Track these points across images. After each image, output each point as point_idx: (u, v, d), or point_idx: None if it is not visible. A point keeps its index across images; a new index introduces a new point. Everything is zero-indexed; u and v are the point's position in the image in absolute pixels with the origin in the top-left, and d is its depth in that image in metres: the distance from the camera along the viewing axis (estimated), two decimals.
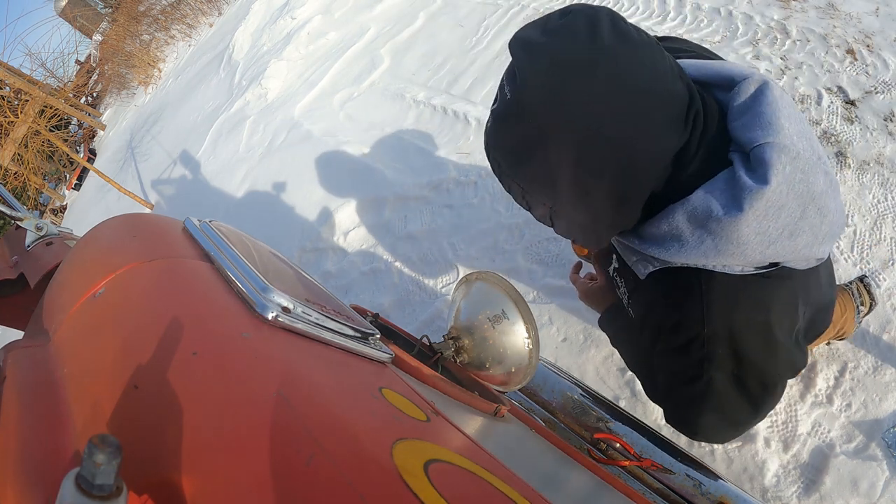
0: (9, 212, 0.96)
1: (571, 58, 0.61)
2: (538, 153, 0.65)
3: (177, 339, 0.46)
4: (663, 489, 1.05)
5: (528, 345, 0.94)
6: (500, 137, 0.69)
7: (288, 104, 4.42)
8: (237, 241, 0.71)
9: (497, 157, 0.71)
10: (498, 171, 0.73)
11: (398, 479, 0.39)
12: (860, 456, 1.36)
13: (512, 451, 0.77)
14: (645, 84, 0.61)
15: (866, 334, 1.52)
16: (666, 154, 0.65)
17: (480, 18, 3.83)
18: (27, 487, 0.36)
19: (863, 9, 2.30)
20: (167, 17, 11.10)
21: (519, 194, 0.73)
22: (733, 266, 0.68)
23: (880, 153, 1.83)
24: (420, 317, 2.29)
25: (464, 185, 2.69)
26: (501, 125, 0.68)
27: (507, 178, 0.72)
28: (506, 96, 0.66)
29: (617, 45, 0.61)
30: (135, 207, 5.29)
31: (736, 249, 0.65)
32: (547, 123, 0.63)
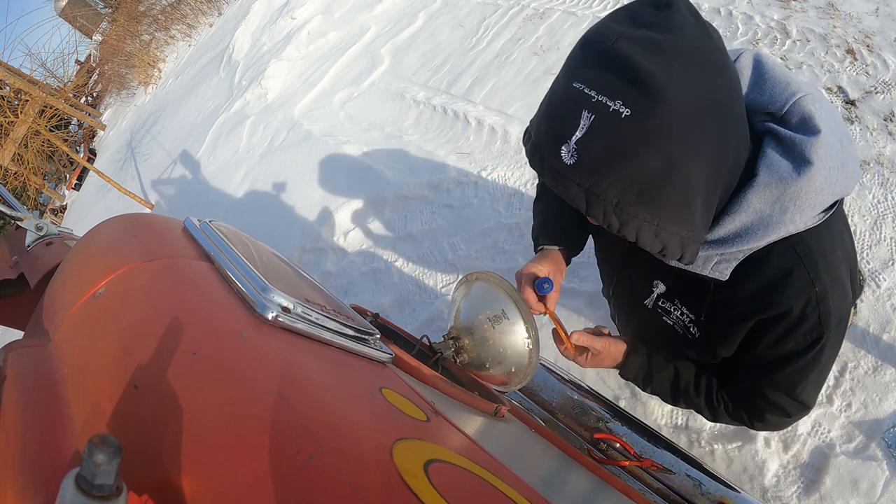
0: (9, 212, 0.96)
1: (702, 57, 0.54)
2: (678, 177, 0.56)
3: (177, 339, 0.46)
4: (663, 489, 1.05)
5: (528, 345, 0.94)
6: (624, 172, 0.56)
7: (288, 104, 4.42)
8: (237, 241, 0.71)
9: (618, 198, 0.58)
10: (620, 218, 0.60)
11: (398, 479, 0.39)
12: (860, 456, 1.36)
13: (512, 451, 0.77)
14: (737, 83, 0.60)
15: (866, 334, 1.52)
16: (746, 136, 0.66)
17: (480, 18, 3.83)
18: (27, 487, 0.36)
19: (863, 9, 2.30)
20: (167, 17, 11.10)
21: (651, 234, 0.61)
22: (811, 220, 0.69)
23: (880, 153, 1.83)
24: (420, 317, 2.29)
25: (464, 185, 2.69)
26: (622, 157, 0.55)
27: (635, 221, 0.60)
28: (616, 115, 0.54)
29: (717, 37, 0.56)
30: (135, 207, 5.29)
31: (815, 200, 0.66)
32: (691, 139, 0.55)
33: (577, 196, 0.60)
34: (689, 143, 0.55)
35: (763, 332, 0.77)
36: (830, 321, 0.73)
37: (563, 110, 0.59)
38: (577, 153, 0.57)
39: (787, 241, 0.70)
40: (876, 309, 1.54)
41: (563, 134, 0.58)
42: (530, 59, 3.17)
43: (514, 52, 3.31)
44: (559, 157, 0.59)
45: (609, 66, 0.55)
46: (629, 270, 0.95)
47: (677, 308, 0.86)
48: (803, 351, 0.76)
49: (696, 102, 0.54)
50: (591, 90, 0.55)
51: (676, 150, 0.55)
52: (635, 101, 0.53)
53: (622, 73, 0.54)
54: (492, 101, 3.08)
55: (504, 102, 3.01)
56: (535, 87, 2.94)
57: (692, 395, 0.94)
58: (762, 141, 0.69)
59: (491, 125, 2.90)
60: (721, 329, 0.81)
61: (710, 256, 0.73)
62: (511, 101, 2.98)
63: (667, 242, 0.62)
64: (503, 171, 2.62)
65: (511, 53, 3.32)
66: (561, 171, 0.59)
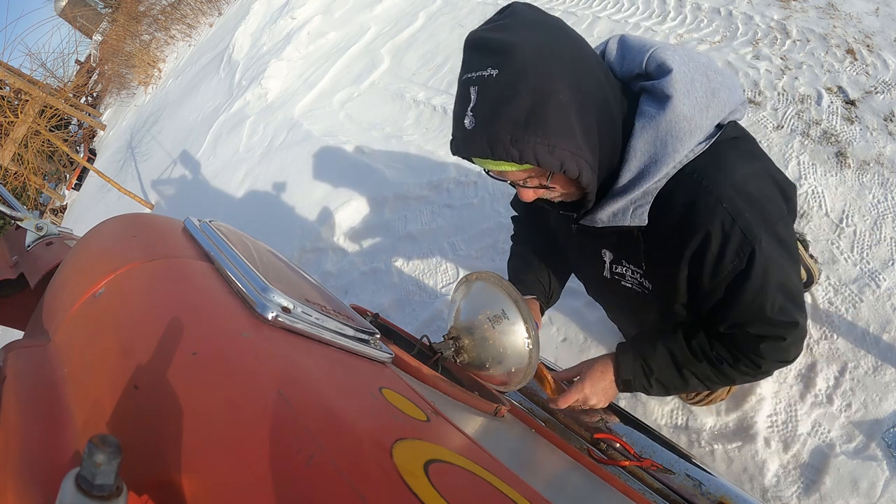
0: (9, 212, 0.96)
1: (540, 23, 0.72)
2: (549, 104, 0.70)
3: (177, 339, 0.46)
4: (663, 489, 1.05)
5: (528, 345, 0.94)
6: (508, 112, 0.70)
7: (288, 104, 4.42)
8: (237, 241, 0.71)
9: (511, 133, 0.71)
10: (518, 147, 0.72)
11: (398, 479, 0.39)
12: (860, 456, 1.36)
13: (512, 451, 0.77)
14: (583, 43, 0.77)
15: (866, 334, 1.52)
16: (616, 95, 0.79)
17: (480, 18, 3.82)
18: (27, 487, 0.36)
19: (863, 9, 2.30)
20: (167, 17, 11.10)
21: (546, 152, 0.72)
22: (698, 147, 0.78)
23: (880, 153, 1.83)
24: (420, 317, 2.29)
25: (464, 185, 2.69)
26: (503, 102, 0.70)
27: (531, 146, 0.71)
28: (490, 77, 0.69)
29: (556, 19, 0.76)
30: (135, 207, 5.29)
31: (690, 126, 0.76)
32: (547, 76, 0.69)
33: (483, 147, 0.73)
34: (547, 78, 0.70)
35: (700, 266, 0.83)
36: (756, 232, 0.77)
37: (459, 98, 0.74)
38: (474, 116, 0.72)
39: (683, 171, 0.79)
40: (876, 309, 1.54)
41: (463, 111, 0.73)
42: None
43: None
44: (464, 129, 0.74)
45: (476, 49, 0.72)
46: (583, 255, 1.04)
47: (626, 268, 0.95)
48: (744, 272, 0.80)
49: (540, 50, 0.70)
50: (471, 72, 0.72)
51: (539, 85, 0.69)
52: (497, 62, 0.69)
53: (483, 49, 0.71)
54: None
55: None
56: None
57: (695, 363, 0.95)
58: (639, 99, 0.81)
59: None
60: (663, 274, 0.88)
61: (625, 207, 0.83)
62: None
63: (562, 158, 0.73)
64: None
65: None
66: (467, 137, 0.74)
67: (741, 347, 0.91)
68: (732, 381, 0.97)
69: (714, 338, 0.94)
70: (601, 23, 3.09)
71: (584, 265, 1.08)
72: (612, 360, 1.03)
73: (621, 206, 0.83)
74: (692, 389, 1.01)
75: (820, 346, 1.54)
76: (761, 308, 0.83)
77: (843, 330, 1.54)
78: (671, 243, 0.83)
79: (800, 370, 1.53)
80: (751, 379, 0.97)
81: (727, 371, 0.94)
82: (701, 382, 0.98)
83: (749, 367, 0.92)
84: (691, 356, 0.95)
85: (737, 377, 0.95)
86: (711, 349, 0.94)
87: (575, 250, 1.07)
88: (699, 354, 0.94)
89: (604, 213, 0.85)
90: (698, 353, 0.94)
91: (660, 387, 1.00)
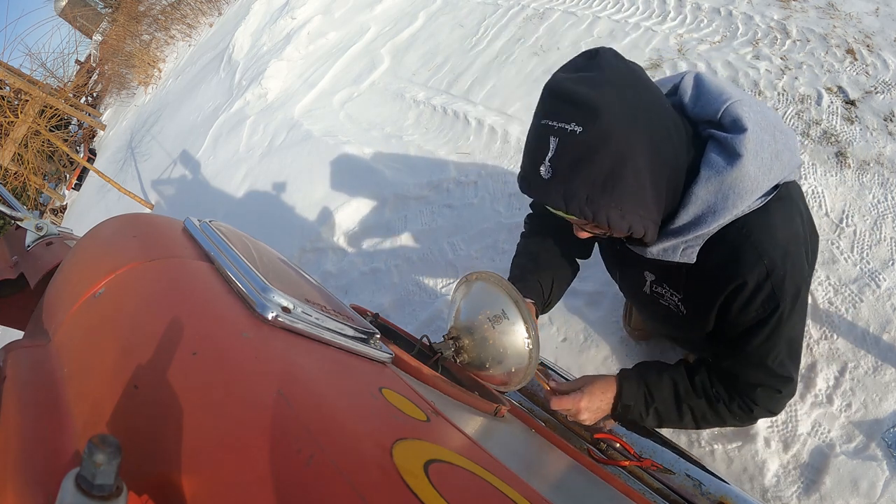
0: (9, 212, 0.96)
1: (624, 81, 0.74)
2: (628, 168, 0.74)
3: (177, 339, 0.46)
4: (663, 489, 1.05)
5: (528, 345, 0.94)
6: (588, 173, 0.73)
7: (288, 104, 4.42)
8: (237, 241, 0.71)
9: (588, 193, 0.75)
10: (592, 208, 0.76)
11: (398, 479, 0.39)
12: (860, 456, 1.36)
13: (512, 451, 0.77)
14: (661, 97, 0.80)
15: (866, 334, 1.52)
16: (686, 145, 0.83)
17: (480, 18, 3.83)
18: (27, 487, 0.36)
19: (863, 9, 2.30)
20: (167, 17, 11.10)
21: (618, 217, 0.77)
22: (754, 203, 0.83)
23: (880, 153, 1.84)
24: (420, 317, 2.29)
25: (464, 185, 2.69)
26: (584, 163, 0.73)
27: (604, 209, 0.76)
28: (572, 133, 0.72)
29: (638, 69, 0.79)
30: (135, 207, 5.29)
31: (751, 186, 0.80)
32: (629, 139, 0.73)
33: (557, 200, 0.77)
34: (629, 142, 0.73)
35: (729, 306, 0.89)
36: (784, 291, 0.85)
37: (536, 142, 0.77)
38: (552, 168, 0.75)
39: (735, 223, 0.84)
40: (876, 309, 1.54)
41: (539, 158, 0.76)
42: (530, 59, 3.17)
43: (514, 53, 3.31)
44: (539, 176, 0.77)
45: (561, 99, 0.74)
46: (626, 268, 1.10)
47: (666, 290, 1.00)
48: (764, 321, 0.87)
49: (626, 112, 0.72)
50: (552, 122, 0.74)
51: (620, 148, 0.73)
52: (582, 120, 0.72)
53: (569, 103, 0.73)
54: (492, 101, 3.08)
55: (504, 102, 3.01)
56: (535, 87, 2.94)
57: (693, 398, 1.01)
58: (706, 145, 0.84)
59: (491, 125, 2.90)
60: (699, 303, 0.94)
61: (676, 245, 0.88)
62: (511, 101, 2.98)
63: (631, 222, 0.79)
64: (503, 171, 2.63)
65: (511, 53, 3.32)
66: (542, 185, 0.77)
67: (739, 388, 0.97)
68: (724, 422, 1.02)
69: (717, 374, 1.00)
70: (601, 23, 3.09)
71: (625, 276, 1.13)
72: (615, 382, 1.05)
73: (672, 245, 0.88)
74: (684, 426, 1.05)
75: (820, 346, 1.54)
76: (765, 355, 0.91)
77: (843, 330, 1.54)
78: (710, 283, 0.89)
79: (800, 370, 1.53)
80: (739, 423, 1.03)
81: (721, 411, 1.00)
82: (694, 419, 1.03)
83: (742, 409, 0.98)
84: (692, 390, 1.01)
85: (728, 419, 1.01)
86: (712, 386, 1.00)
87: (617, 263, 1.13)
88: (699, 390, 1.00)
89: (655, 247, 0.90)
90: (699, 389, 1.00)
91: (655, 417, 1.05)
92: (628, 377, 1.05)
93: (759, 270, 0.83)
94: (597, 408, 1.04)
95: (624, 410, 1.05)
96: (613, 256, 1.12)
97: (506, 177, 2.60)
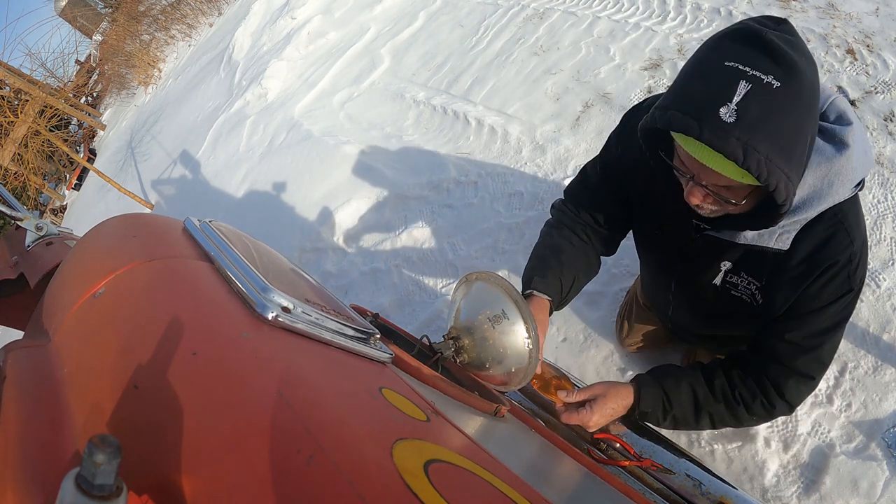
0: (9, 212, 0.96)
1: (810, 57, 0.73)
2: (804, 137, 0.73)
3: (177, 339, 0.46)
4: (663, 489, 1.05)
5: (528, 345, 0.94)
6: (777, 131, 0.70)
7: (288, 104, 4.42)
8: (237, 241, 0.71)
9: (769, 151, 0.70)
10: (769, 167, 0.71)
11: (398, 479, 0.39)
12: (860, 456, 1.36)
13: (512, 451, 0.77)
14: None
15: (866, 334, 1.52)
16: None
17: (480, 18, 3.83)
18: (27, 487, 0.36)
19: (863, 9, 2.30)
20: (167, 17, 11.09)
21: (784, 182, 0.73)
22: (847, 192, 0.85)
23: (880, 153, 1.83)
24: (420, 317, 2.29)
25: (464, 185, 2.69)
26: (776, 119, 0.70)
27: (777, 171, 0.72)
28: (769, 85, 0.68)
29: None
30: (135, 207, 5.29)
31: (852, 175, 0.83)
32: (811, 111, 0.73)
33: (735, 148, 0.70)
34: (810, 113, 0.73)
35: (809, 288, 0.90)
36: (857, 277, 0.89)
37: (719, 80, 0.71)
38: (737, 113, 0.69)
39: (830, 210, 0.86)
40: (876, 309, 1.54)
41: (722, 98, 0.70)
42: (530, 59, 3.17)
43: (514, 52, 3.31)
44: (718, 116, 0.70)
45: (759, 49, 0.70)
46: (697, 259, 1.05)
47: (744, 279, 0.99)
48: (833, 302, 0.90)
49: (812, 84, 0.72)
50: (745, 66, 0.69)
51: (805, 116, 0.72)
52: (781, 75, 0.69)
53: (769, 55, 0.69)
54: (492, 101, 3.08)
55: (504, 102, 3.01)
56: (535, 87, 2.94)
57: (712, 403, 1.01)
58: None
59: (491, 125, 2.90)
60: (783, 288, 0.93)
61: (773, 230, 0.87)
62: (511, 101, 2.98)
63: (789, 192, 0.75)
64: (503, 171, 2.62)
65: (511, 53, 3.32)
66: (721, 126, 0.70)
67: (770, 379, 0.97)
68: (740, 423, 1.03)
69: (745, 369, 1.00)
70: (601, 23, 3.09)
71: (692, 269, 1.07)
72: (632, 389, 1.04)
73: (770, 229, 0.88)
74: (700, 429, 1.07)
75: None
76: (820, 342, 0.94)
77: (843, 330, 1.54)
78: (801, 268, 0.90)
79: None
80: (755, 422, 1.04)
81: (740, 414, 1.00)
82: (711, 423, 1.04)
83: (764, 406, 0.99)
84: (711, 396, 1.01)
85: (745, 421, 1.02)
86: (734, 389, 1.00)
87: (684, 255, 1.07)
88: (719, 395, 1.01)
89: (750, 231, 0.89)
90: (718, 394, 1.01)
91: (672, 422, 1.05)
92: (646, 384, 1.04)
93: (849, 253, 0.87)
94: (611, 413, 1.03)
95: (641, 416, 1.05)
96: (680, 246, 1.05)
97: (506, 177, 2.60)
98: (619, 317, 1.77)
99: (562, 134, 2.62)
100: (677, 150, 0.83)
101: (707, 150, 0.74)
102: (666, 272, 1.18)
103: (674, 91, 0.78)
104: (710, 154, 0.74)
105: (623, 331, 1.71)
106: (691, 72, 0.76)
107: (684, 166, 0.83)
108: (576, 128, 2.61)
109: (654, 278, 1.27)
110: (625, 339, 1.72)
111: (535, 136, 2.68)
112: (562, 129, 2.64)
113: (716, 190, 0.81)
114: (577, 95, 2.74)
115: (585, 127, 2.59)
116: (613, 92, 2.65)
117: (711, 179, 0.80)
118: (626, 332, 1.70)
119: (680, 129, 0.74)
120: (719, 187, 0.81)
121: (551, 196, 2.38)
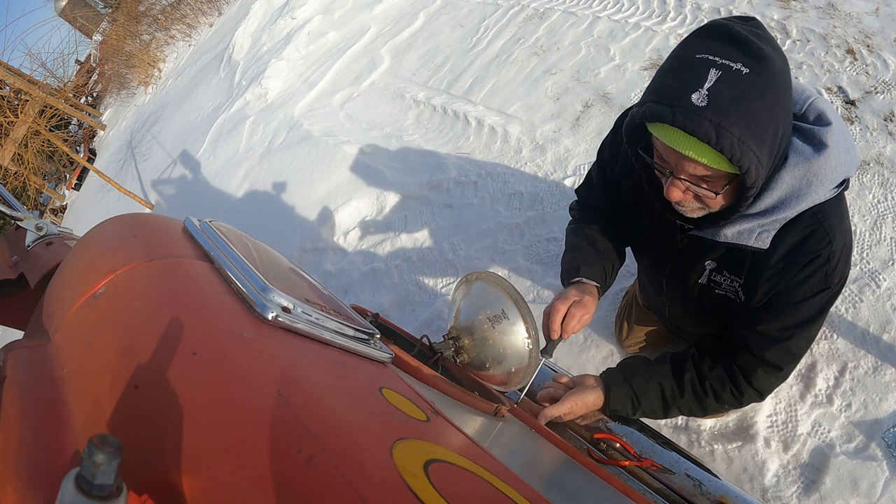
0: (9, 212, 0.96)
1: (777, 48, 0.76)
2: (773, 123, 0.75)
3: (177, 339, 0.46)
4: (663, 489, 1.05)
5: (528, 345, 0.94)
6: (749, 113, 0.72)
7: (288, 104, 4.42)
8: (237, 241, 0.71)
9: (741, 133, 0.73)
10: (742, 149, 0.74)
11: (398, 479, 0.39)
12: (860, 456, 1.36)
13: (512, 451, 0.77)
14: None
15: (866, 334, 1.52)
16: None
17: (480, 18, 3.83)
18: (27, 487, 0.36)
19: (863, 9, 2.30)
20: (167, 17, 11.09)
21: (756, 164, 0.76)
22: (828, 193, 0.86)
23: (880, 153, 1.83)
24: (420, 317, 2.29)
25: (464, 185, 2.69)
26: (746, 102, 0.72)
27: (749, 152, 0.74)
28: (738, 72, 0.72)
29: None
30: (135, 207, 5.29)
31: (831, 175, 0.84)
32: (780, 96, 0.75)
33: (708, 129, 0.73)
34: (780, 101, 0.75)
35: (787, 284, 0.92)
36: (834, 277, 0.90)
37: (690, 70, 0.75)
38: (709, 98, 0.72)
39: (810, 209, 0.88)
40: (876, 309, 1.54)
41: (693, 85, 0.73)
42: (530, 59, 3.17)
43: (514, 52, 3.31)
44: (690, 101, 0.73)
45: (727, 41, 0.74)
46: (683, 260, 1.09)
47: (727, 278, 1.02)
48: (808, 299, 0.92)
49: (781, 72, 0.75)
50: (715, 57, 0.73)
51: (774, 101, 0.74)
52: (749, 63, 0.72)
53: (737, 46, 0.73)
54: (492, 101, 3.08)
55: (504, 102, 3.01)
56: (534, 87, 2.94)
57: (680, 399, 1.07)
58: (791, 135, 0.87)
59: (491, 125, 2.90)
60: (761, 285, 0.96)
61: (752, 228, 0.89)
62: (511, 101, 2.98)
63: (759, 176, 0.78)
64: (503, 171, 2.63)
65: (511, 53, 3.32)
66: (694, 110, 0.73)
67: (740, 367, 1.01)
68: (707, 412, 1.09)
69: (715, 356, 1.04)
70: (601, 23, 3.09)
71: (679, 267, 1.12)
72: (601, 388, 1.10)
73: (749, 228, 0.90)
74: (670, 417, 1.13)
75: (820, 346, 1.54)
76: (791, 334, 0.96)
77: (843, 330, 1.54)
78: (779, 265, 0.93)
79: (800, 370, 1.53)
80: (725, 410, 1.12)
81: (708, 404, 1.06)
82: (680, 413, 1.10)
83: (733, 394, 1.03)
84: (678, 391, 1.06)
85: (713, 409, 1.07)
86: (703, 379, 1.04)
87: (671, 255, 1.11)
88: (687, 389, 1.06)
89: (730, 230, 0.91)
90: (686, 388, 1.06)
91: (642, 415, 1.12)
92: (617, 383, 1.09)
93: (827, 252, 0.88)
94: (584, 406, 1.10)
95: (612, 412, 1.12)
96: (668, 248, 1.09)
97: (506, 177, 2.60)
98: (617, 318, 1.77)
99: (562, 134, 2.62)
100: (655, 144, 0.84)
101: (681, 135, 0.76)
102: (658, 273, 1.21)
103: (650, 88, 0.81)
104: (684, 139, 0.77)
105: (623, 332, 1.71)
106: (665, 69, 0.80)
107: (662, 160, 0.84)
108: (576, 128, 2.61)
109: (649, 279, 1.30)
110: (625, 341, 1.72)
111: (535, 136, 2.68)
112: (562, 129, 2.64)
113: (694, 182, 0.83)
114: (577, 95, 2.74)
115: (585, 127, 2.59)
116: (613, 92, 2.65)
117: (689, 170, 0.81)
118: (625, 333, 1.70)
119: (654, 118, 0.77)
120: (697, 178, 0.82)
121: (551, 196, 2.38)
